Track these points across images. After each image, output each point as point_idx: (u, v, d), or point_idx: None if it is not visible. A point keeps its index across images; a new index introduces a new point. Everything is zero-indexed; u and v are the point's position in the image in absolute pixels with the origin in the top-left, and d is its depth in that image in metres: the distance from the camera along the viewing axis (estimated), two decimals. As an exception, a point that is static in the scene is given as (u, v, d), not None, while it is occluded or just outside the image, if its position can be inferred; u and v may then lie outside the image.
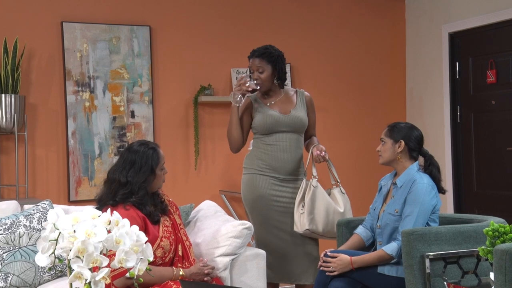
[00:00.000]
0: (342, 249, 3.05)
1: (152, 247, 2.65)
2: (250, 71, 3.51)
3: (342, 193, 3.42)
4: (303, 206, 3.32)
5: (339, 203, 3.37)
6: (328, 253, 2.94)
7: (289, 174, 3.45)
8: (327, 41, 5.38)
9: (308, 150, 3.52)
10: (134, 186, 2.73)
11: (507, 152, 4.76)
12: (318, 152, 3.37)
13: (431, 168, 2.98)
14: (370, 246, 3.08)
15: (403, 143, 2.96)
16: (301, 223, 3.32)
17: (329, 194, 3.41)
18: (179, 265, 2.82)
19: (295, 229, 3.36)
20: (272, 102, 3.51)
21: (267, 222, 3.42)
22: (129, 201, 2.72)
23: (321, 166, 3.51)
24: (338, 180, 3.46)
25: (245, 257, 3.08)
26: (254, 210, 3.45)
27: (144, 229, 2.69)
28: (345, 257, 2.89)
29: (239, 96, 3.41)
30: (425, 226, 2.88)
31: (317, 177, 3.38)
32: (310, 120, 3.56)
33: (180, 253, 2.85)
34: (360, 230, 3.10)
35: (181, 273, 2.73)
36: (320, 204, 3.31)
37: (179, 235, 2.87)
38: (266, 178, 3.42)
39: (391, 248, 2.84)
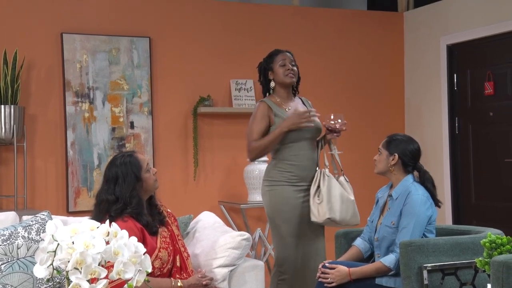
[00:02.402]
0: (341, 260, 3.05)
1: (150, 258, 2.64)
2: (278, 64, 3.42)
3: (347, 181, 3.42)
4: (318, 196, 3.31)
5: (348, 191, 3.38)
6: (327, 264, 2.94)
7: (311, 181, 3.40)
8: (326, 53, 5.40)
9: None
10: (125, 199, 2.72)
11: (505, 163, 4.77)
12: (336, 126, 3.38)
13: (426, 184, 2.99)
14: (369, 258, 3.08)
15: (396, 157, 2.96)
16: (320, 212, 3.29)
17: None
18: (177, 276, 2.82)
19: (313, 219, 3.31)
20: (290, 108, 3.42)
21: (301, 233, 3.36)
22: (126, 213, 2.71)
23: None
24: (342, 169, 3.45)
25: (244, 268, 3.08)
26: (286, 222, 3.34)
27: (142, 240, 2.69)
28: (344, 268, 2.89)
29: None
30: (422, 237, 2.88)
31: (328, 167, 3.39)
32: None
33: (178, 264, 2.84)
34: (358, 242, 3.11)
35: (179, 284, 2.73)
36: (336, 193, 3.31)
37: (177, 246, 2.87)
38: (296, 188, 3.35)
39: (389, 260, 2.85)
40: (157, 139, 4.85)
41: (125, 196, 2.72)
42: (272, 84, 3.46)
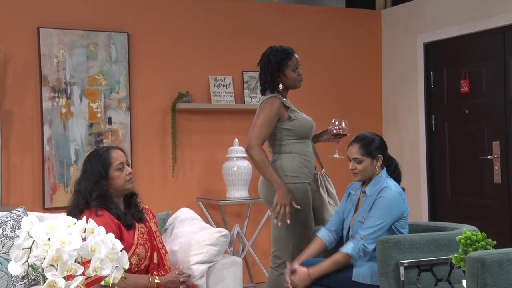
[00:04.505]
0: (304, 257, 3.03)
1: (127, 254, 2.64)
2: (292, 69, 3.35)
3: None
4: (332, 199, 3.37)
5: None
6: (287, 269, 2.96)
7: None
8: (305, 50, 5.40)
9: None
10: (85, 193, 2.74)
11: (481, 160, 4.83)
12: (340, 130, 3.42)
13: (398, 170, 3.05)
14: (333, 250, 3.05)
15: (381, 157, 2.99)
16: None
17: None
18: (154, 272, 2.81)
19: None
20: (293, 105, 3.41)
21: (311, 226, 3.36)
22: (92, 206, 2.72)
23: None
24: (322, 165, 3.50)
25: (222, 265, 3.08)
26: (304, 220, 3.29)
27: (119, 235, 2.68)
28: (302, 270, 2.90)
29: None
30: (393, 232, 2.91)
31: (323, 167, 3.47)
32: None
33: (155, 260, 2.84)
34: (323, 233, 3.09)
35: (156, 281, 2.72)
36: (336, 194, 3.42)
37: (155, 242, 2.87)
38: (309, 186, 3.36)
39: (346, 247, 2.87)
40: (135, 135, 4.82)
41: (85, 191, 2.74)
42: (281, 86, 3.34)
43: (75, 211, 2.72)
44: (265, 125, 3.25)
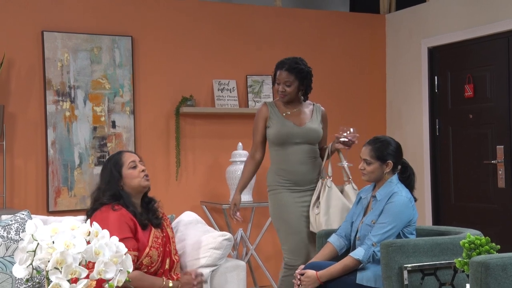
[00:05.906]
0: (315, 260, 3.07)
1: (141, 254, 2.69)
2: (276, 82, 3.49)
3: (354, 189, 3.45)
4: (317, 207, 3.36)
5: (352, 201, 3.41)
6: (297, 271, 2.97)
7: (310, 184, 3.46)
8: (309, 54, 5.39)
9: (323, 157, 3.54)
10: (99, 192, 2.83)
11: (484, 165, 4.83)
12: (348, 138, 3.41)
13: (411, 178, 3.05)
14: (344, 255, 3.06)
15: (391, 163, 3.00)
16: (317, 223, 3.35)
17: (341, 191, 3.44)
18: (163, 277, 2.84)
19: (311, 229, 3.39)
20: (288, 113, 3.49)
21: (300, 231, 3.42)
22: (104, 201, 2.77)
23: (333, 162, 3.54)
24: (350, 177, 3.48)
25: (225, 268, 3.09)
26: (285, 223, 3.43)
27: (134, 233, 2.72)
28: (312, 273, 2.92)
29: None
30: (400, 237, 2.91)
31: (331, 177, 3.43)
32: (323, 133, 3.58)
33: (167, 266, 2.86)
34: (333, 239, 3.12)
35: (170, 285, 2.75)
36: (334, 204, 3.36)
37: (169, 249, 2.89)
38: (289, 191, 3.42)
39: (357, 253, 2.88)
40: (139, 138, 4.82)
41: (100, 189, 2.82)
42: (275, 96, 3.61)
43: (90, 211, 2.82)
44: (254, 133, 3.54)
